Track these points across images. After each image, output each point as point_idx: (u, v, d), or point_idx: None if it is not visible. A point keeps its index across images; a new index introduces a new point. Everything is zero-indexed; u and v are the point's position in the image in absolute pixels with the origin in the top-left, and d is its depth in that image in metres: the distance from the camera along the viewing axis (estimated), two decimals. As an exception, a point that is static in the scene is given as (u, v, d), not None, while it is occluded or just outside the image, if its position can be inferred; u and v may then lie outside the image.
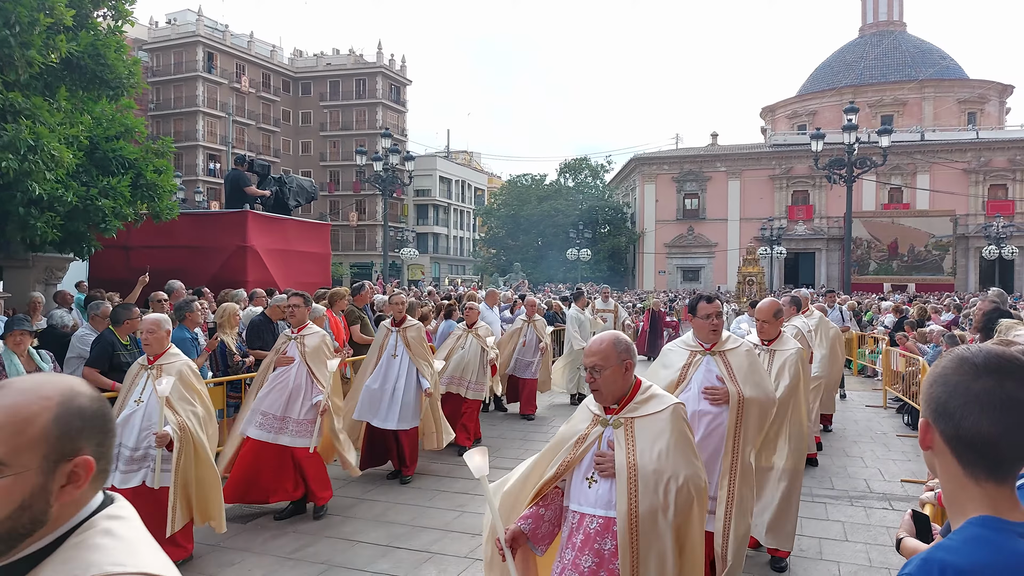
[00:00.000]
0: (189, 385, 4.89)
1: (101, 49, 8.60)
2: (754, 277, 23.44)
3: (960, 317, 14.52)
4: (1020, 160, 45.58)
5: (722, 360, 4.07)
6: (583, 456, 2.82)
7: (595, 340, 2.83)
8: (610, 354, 2.78)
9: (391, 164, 26.59)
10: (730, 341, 4.16)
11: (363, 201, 60.58)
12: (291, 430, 5.82)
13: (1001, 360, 1.23)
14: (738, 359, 4.07)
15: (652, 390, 2.87)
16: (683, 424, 2.79)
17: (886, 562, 4.99)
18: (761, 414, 4.03)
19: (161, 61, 55.51)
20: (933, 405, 1.26)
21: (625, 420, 2.78)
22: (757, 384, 4.03)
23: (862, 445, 8.70)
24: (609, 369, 2.77)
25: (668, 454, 2.69)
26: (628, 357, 2.81)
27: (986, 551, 1.16)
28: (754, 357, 4.18)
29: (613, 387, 2.79)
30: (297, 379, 5.87)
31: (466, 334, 8.57)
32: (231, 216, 11.95)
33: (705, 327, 4.10)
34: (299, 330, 6.04)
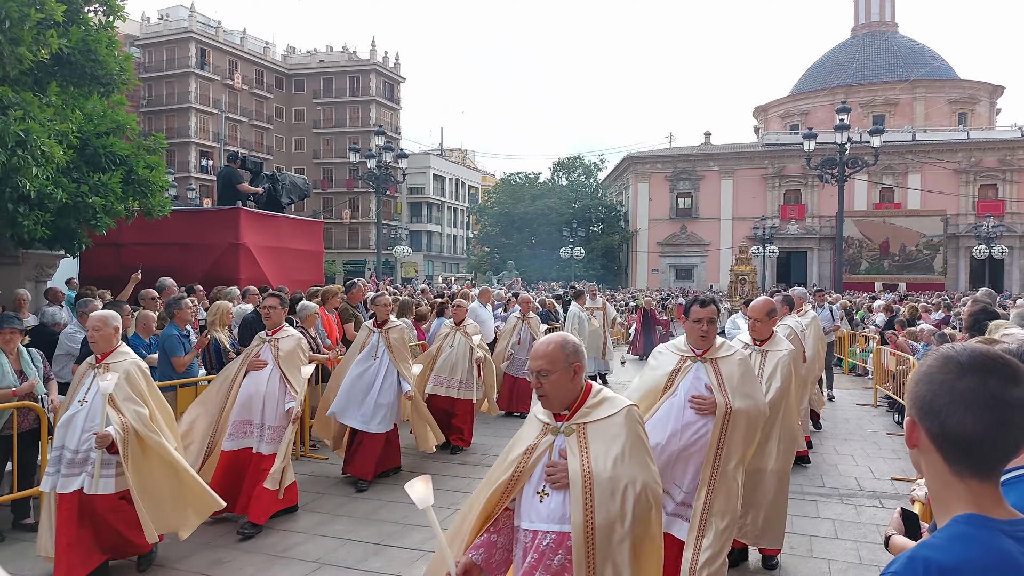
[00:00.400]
0: (136, 386, 4.61)
1: (92, 45, 8.54)
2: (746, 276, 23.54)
3: (950, 316, 14.61)
4: (1010, 160, 45.86)
5: (713, 368, 3.89)
6: (533, 469, 2.65)
7: (541, 343, 2.67)
8: (557, 357, 2.62)
9: (384, 162, 26.54)
10: (723, 348, 3.98)
11: (356, 199, 60.47)
12: (261, 436, 5.59)
13: (985, 359, 1.24)
14: (729, 368, 3.89)
15: (603, 393, 2.72)
16: (638, 427, 2.65)
17: (876, 560, 5.01)
18: (750, 426, 3.86)
19: (153, 57, 55.22)
20: (919, 403, 1.27)
21: (577, 426, 2.63)
22: (747, 395, 3.85)
23: (853, 443, 8.75)
24: (556, 373, 2.61)
25: (624, 459, 2.55)
26: (576, 360, 2.66)
27: (970, 548, 1.17)
28: (748, 366, 4.00)
29: (561, 392, 2.63)
30: (270, 384, 5.63)
31: (453, 332, 8.36)
32: (223, 213, 11.91)
33: (695, 332, 3.93)
34: (273, 332, 5.79)
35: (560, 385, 2.62)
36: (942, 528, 1.24)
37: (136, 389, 4.60)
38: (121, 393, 4.49)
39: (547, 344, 2.65)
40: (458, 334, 8.31)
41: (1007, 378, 1.22)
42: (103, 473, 4.41)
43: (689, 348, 3.97)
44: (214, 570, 4.83)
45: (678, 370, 3.93)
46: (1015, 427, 1.21)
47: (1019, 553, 1.17)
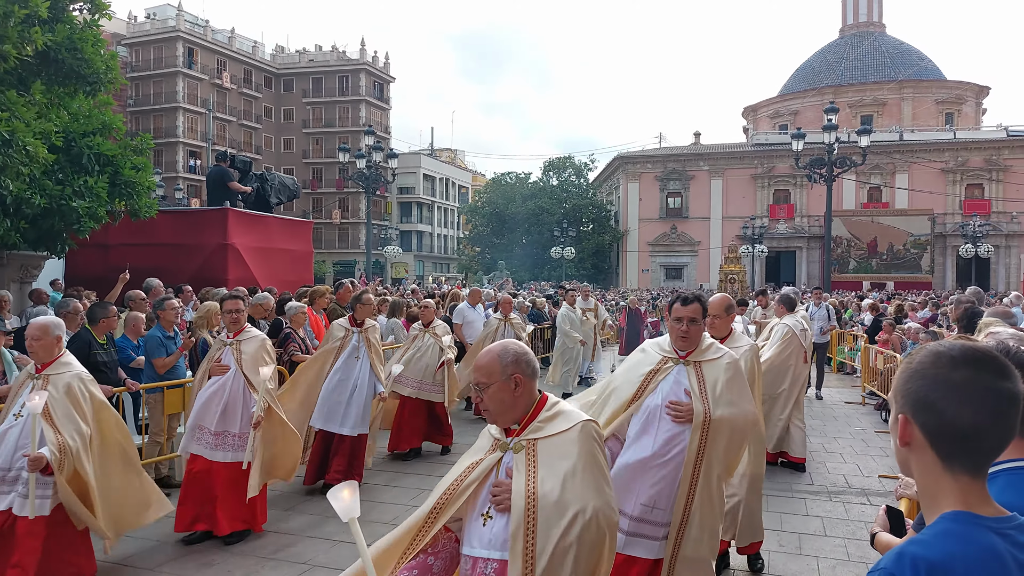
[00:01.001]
0: (76, 401, 4.21)
1: (78, 43, 8.47)
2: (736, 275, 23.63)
3: (937, 315, 14.71)
4: (996, 160, 46.25)
5: (695, 372, 3.56)
6: (480, 488, 2.41)
7: (481, 353, 2.46)
8: (493, 368, 2.39)
9: (374, 162, 26.48)
10: (711, 350, 3.64)
11: (346, 199, 60.29)
12: (229, 445, 5.32)
13: (976, 353, 1.26)
14: (714, 372, 3.56)
15: (559, 406, 2.47)
16: (594, 445, 2.38)
17: (864, 556, 5.05)
18: (735, 436, 3.53)
19: (140, 56, 54.85)
20: (912, 399, 1.27)
21: (527, 443, 2.38)
22: (732, 403, 3.50)
23: (841, 441, 8.80)
24: (494, 385, 2.38)
25: (575, 481, 2.28)
26: (517, 370, 2.39)
27: (958, 544, 1.18)
28: (736, 370, 3.63)
29: (502, 406, 2.40)
30: (233, 390, 5.33)
31: (423, 334, 8.06)
32: (212, 214, 11.86)
33: (674, 332, 3.62)
34: (235, 335, 5.49)
35: (499, 399, 2.39)
36: (930, 525, 1.25)
37: (77, 405, 4.22)
38: (60, 409, 4.12)
39: (486, 353, 2.44)
40: (427, 335, 8.03)
41: (997, 371, 1.23)
42: (39, 494, 4.04)
43: (673, 349, 3.65)
44: (203, 572, 4.80)
45: (656, 371, 3.60)
46: (1008, 419, 1.23)
47: (1005, 549, 1.19)
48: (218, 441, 5.29)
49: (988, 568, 1.16)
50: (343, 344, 6.61)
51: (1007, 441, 1.25)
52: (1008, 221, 45.22)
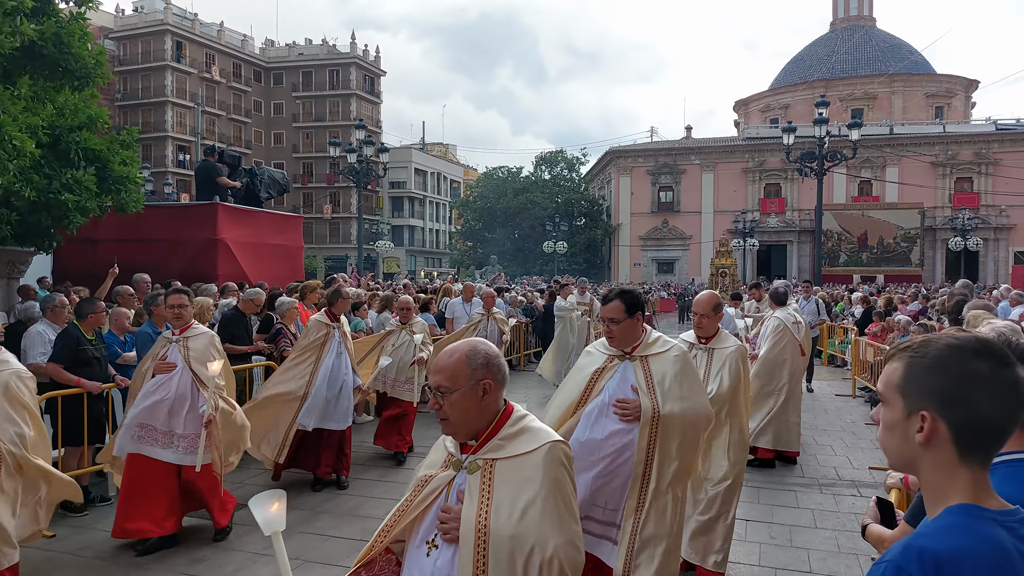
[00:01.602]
0: (15, 400, 3.90)
1: (64, 37, 8.38)
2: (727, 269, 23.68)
3: (927, 307, 14.79)
4: (985, 154, 46.48)
5: (642, 367, 3.38)
6: (428, 510, 2.11)
7: (444, 352, 2.14)
8: (459, 372, 2.06)
9: (365, 156, 26.38)
10: (657, 344, 3.44)
11: (337, 193, 60.07)
12: (177, 446, 5.08)
13: (991, 345, 1.25)
14: (662, 366, 3.36)
15: (526, 421, 2.13)
16: (561, 471, 2.05)
17: (854, 548, 5.08)
18: (688, 433, 3.33)
19: (128, 50, 54.40)
20: (939, 395, 1.23)
21: (484, 462, 2.07)
22: (683, 397, 3.31)
23: (832, 434, 8.85)
24: (458, 392, 2.04)
25: (535, 512, 1.97)
26: (487, 375, 2.07)
27: (964, 538, 1.18)
28: (685, 363, 3.43)
29: (465, 417, 2.07)
30: (180, 388, 5.10)
31: (399, 331, 7.74)
32: (201, 209, 11.79)
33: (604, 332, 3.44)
34: (182, 331, 5.25)
35: (463, 408, 2.06)
36: (936, 518, 1.24)
37: (16, 404, 3.91)
38: None
39: (450, 354, 2.10)
40: (404, 332, 7.73)
41: (1011, 362, 1.23)
42: None
43: None
44: (194, 568, 4.78)
45: (603, 370, 3.43)
46: (1022, 409, 1.24)
47: (1011, 543, 1.19)
48: (166, 441, 5.07)
49: (994, 561, 1.16)
50: (327, 340, 6.52)
51: (1016, 430, 1.26)
52: (997, 214, 45.49)
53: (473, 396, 2.06)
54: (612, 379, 3.39)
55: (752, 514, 5.84)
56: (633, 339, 3.41)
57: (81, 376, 5.80)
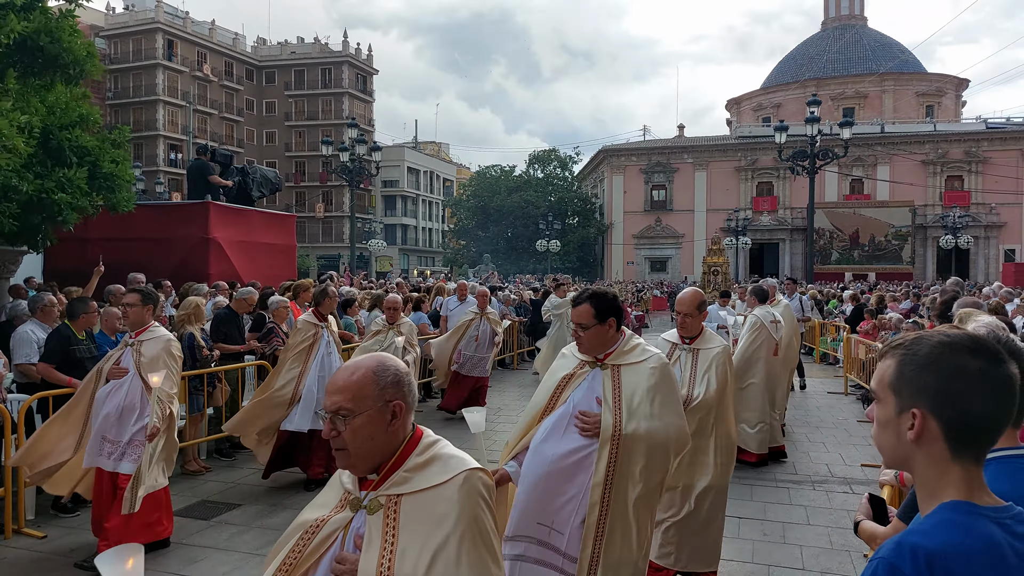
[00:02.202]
0: None
1: (56, 32, 8.33)
2: (719, 267, 23.72)
3: (919, 305, 14.87)
4: (975, 152, 46.76)
5: (612, 377, 3.03)
6: (319, 564, 1.80)
7: (345, 368, 1.80)
8: (364, 391, 1.73)
9: (358, 155, 26.33)
10: (635, 352, 3.09)
11: (330, 192, 59.93)
12: (127, 455, 4.80)
13: (985, 342, 1.25)
14: (635, 378, 3.01)
15: (436, 448, 1.80)
16: (479, 506, 1.72)
17: (847, 544, 5.10)
18: (655, 455, 2.95)
19: (119, 48, 54.10)
20: (931, 392, 1.23)
21: (388, 499, 1.73)
22: (653, 415, 2.95)
23: (824, 431, 8.88)
24: (362, 416, 1.71)
25: (447, 559, 1.65)
26: (397, 395, 1.76)
27: (957, 534, 1.18)
28: (663, 377, 3.05)
29: (368, 446, 1.73)
30: (130, 395, 4.82)
31: (386, 331, 7.56)
32: (193, 207, 11.75)
33: None
34: (136, 335, 4.93)
35: (367, 435, 1.72)
36: (929, 514, 1.24)
37: None
38: None
39: (352, 371, 1.77)
40: (391, 333, 7.55)
41: (1004, 358, 1.23)
42: None
43: None
44: (188, 569, 4.76)
45: (571, 377, 3.12)
46: (1016, 404, 1.24)
47: (1004, 539, 1.19)
48: (105, 448, 4.83)
49: (987, 558, 1.17)
50: (315, 340, 6.47)
51: (1008, 427, 1.26)
52: (987, 212, 45.77)
53: (379, 420, 1.73)
54: (579, 388, 3.08)
55: (745, 511, 5.85)
56: (604, 346, 3.07)
57: (73, 376, 5.76)
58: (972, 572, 1.16)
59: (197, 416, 7.09)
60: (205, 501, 6.12)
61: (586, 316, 3.02)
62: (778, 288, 9.01)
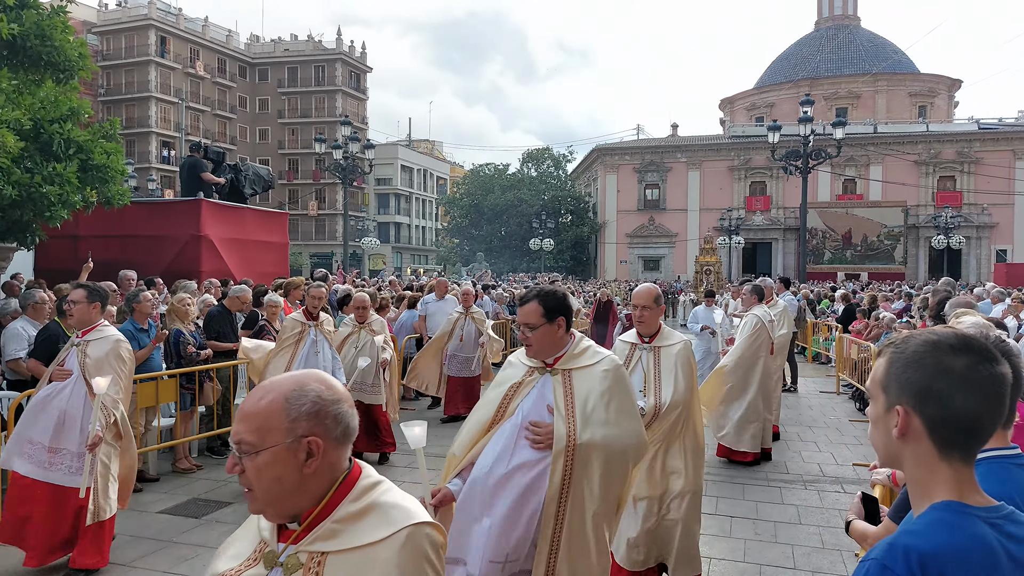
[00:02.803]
0: None
1: (47, 30, 8.28)
2: (712, 266, 23.77)
3: (911, 305, 14.93)
4: (967, 152, 46.96)
5: (564, 383, 2.81)
6: None
7: (253, 392, 1.46)
8: (270, 422, 1.38)
9: (351, 152, 26.27)
10: (586, 355, 2.87)
11: (323, 190, 59.77)
12: (64, 465, 4.44)
13: (971, 340, 1.26)
14: (587, 383, 2.79)
15: (375, 494, 1.45)
16: (425, 570, 1.39)
17: (838, 543, 5.11)
18: (612, 465, 2.74)
19: (111, 45, 53.83)
20: (914, 390, 1.24)
21: (310, 557, 1.41)
22: (608, 422, 2.74)
23: (816, 430, 8.91)
24: (266, 452, 1.37)
25: None
26: (313, 429, 1.39)
27: (949, 534, 1.18)
28: (619, 378, 2.85)
29: (277, 490, 1.39)
30: (73, 399, 4.45)
31: (358, 330, 7.24)
32: (185, 205, 11.70)
33: None
34: (83, 334, 4.60)
35: (274, 476, 1.38)
36: (921, 515, 1.25)
37: None
38: None
39: (261, 395, 1.42)
40: (364, 332, 7.29)
41: (992, 357, 1.24)
42: None
43: None
44: (178, 567, 4.74)
45: (519, 385, 2.88)
46: (1004, 405, 1.24)
47: (995, 539, 1.19)
48: (52, 459, 4.45)
49: (979, 558, 1.17)
50: (301, 339, 6.35)
51: (998, 426, 1.26)
52: (979, 213, 45.98)
53: (289, 460, 1.38)
54: (528, 397, 2.83)
55: (737, 511, 5.87)
56: (554, 349, 2.84)
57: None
58: (964, 573, 1.16)
59: (187, 414, 7.07)
60: (196, 499, 6.10)
61: (534, 316, 2.79)
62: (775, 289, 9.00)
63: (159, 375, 6.64)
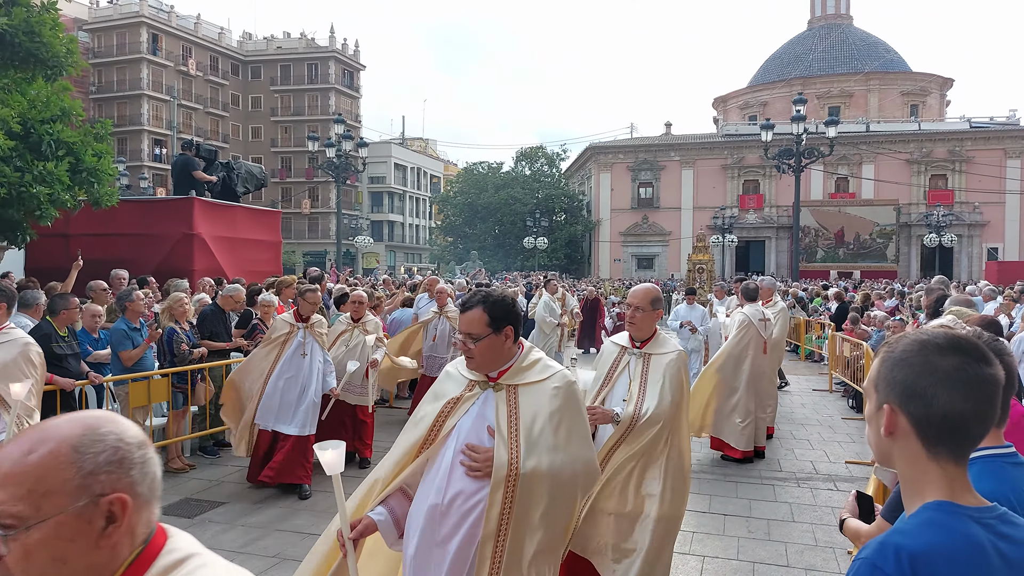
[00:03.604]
0: None
1: (36, 26, 8.22)
2: (704, 265, 23.76)
3: (903, 303, 14.99)
4: (959, 151, 47.18)
5: (508, 401, 2.46)
6: None
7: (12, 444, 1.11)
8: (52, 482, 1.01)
9: (344, 151, 26.20)
10: (536, 369, 2.53)
11: (316, 188, 59.61)
12: None
13: (960, 340, 1.26)
14: (535, 400, 2.45)
15: (186, 570, 1.09)
16: None
17: (831, 541, 5.13)
18: (558, 496, 2.41)
19: (103, 42, 53.51)
20: (899, 388, 1.26)
21: None
22: (556, 447, 2.40)
23: (809, 428, 8.94)
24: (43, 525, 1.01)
25: None
26: (117, 482, 1.05)
27: (940, 534, 1.19)
28: (568, 398, 2.50)
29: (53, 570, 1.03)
30: None
31: (351, 329, 7.10)
32: (176, 203, 11.65)
33: None
34: None
35: (52, 556, 1.01)
36: (912, 514, 1.25)
37: None
38: None
39: (29, 448, 1.03)
40: (357, 331, 7.10)
41: (981, 357, 1.24)
42: None
43: None
44: (169, 568, 4.71)
45: (458, 401, 2.53)
46: (993, 405, 1.24)
47: (987, 539, 1.19)
48: None
49: (970, 558, 1.17)
50: (287, 340, 6.22)
51: (990, 427, 1.26)
52: (971, 211, 46.22)
53: (80, 530, 1.02)
54: (467, 415, 2.49)
55: (730, 508, 5.88)
56: (499, 362, 2.50)
57: (53, 373, 5.70)
58: (955, 572, 1.16)
59: (180, 413, 7.04)
60: (188, 499, 6.07)
61: (477, 325, 2.44)
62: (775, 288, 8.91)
63: (151, 374, 6.61)
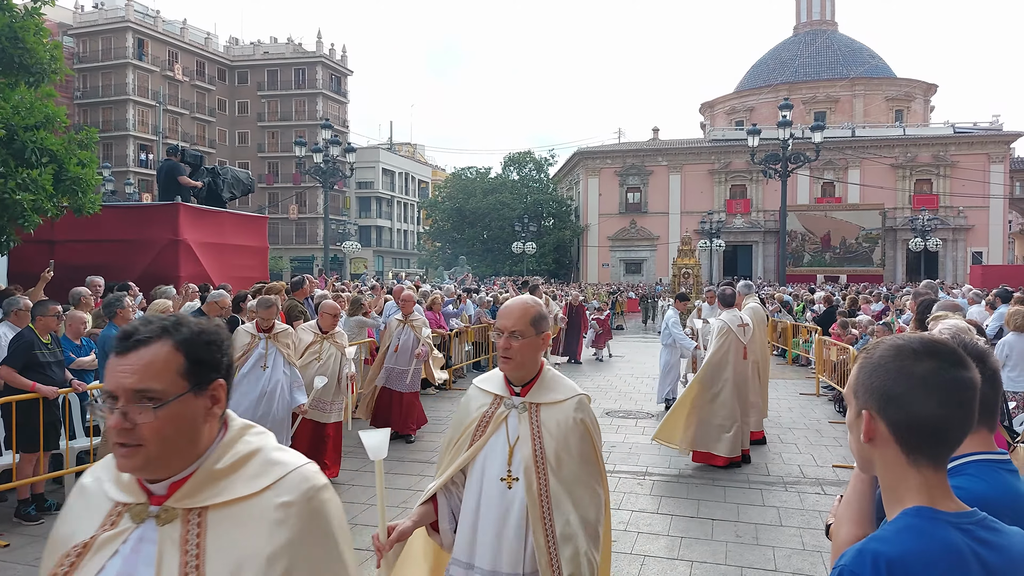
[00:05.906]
0: None
1: (19, 32, 8.15)
2: (690, 269, 23.83)
3: (889, 308, 15.09)
4: (943, 156, 47.65)
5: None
6: None
7: None
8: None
9: (332, 156, 26.13)
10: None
11: (303, 193, 59.41)
12: None
13: (936, 344, 1.27)
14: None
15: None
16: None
17: (819, 545, 5.14)
18: None
19: (88, 47, 53.16)
20: (876, 394, 1.26)
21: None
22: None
23: (796, 432, 8.97)
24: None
25: None
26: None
27: (918, 540, 1.19)
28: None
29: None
30: None
31: (321, 342, 6.65)
32: (162, 209, 11.57)
33: None
34: None
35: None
36: (891, 520, 1.25)
37: None
38: None
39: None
40: (327, 344, 6.68)
41: (957, 361, 1.24)
42: None
43: None
44: None
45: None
46: (970, 409, 1.24)
47: (965, 545, 1.19)
48: None
49: (948, 564, 1.17)
50: (247, 353, 5.86)
51: (968, 431, 1.26)
52: (955, 215, 46.66)
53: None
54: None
55: (718, 513, 5.89)
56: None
57: (36, 381, 5.63)
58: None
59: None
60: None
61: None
62: (750, 291, 8.95)
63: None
